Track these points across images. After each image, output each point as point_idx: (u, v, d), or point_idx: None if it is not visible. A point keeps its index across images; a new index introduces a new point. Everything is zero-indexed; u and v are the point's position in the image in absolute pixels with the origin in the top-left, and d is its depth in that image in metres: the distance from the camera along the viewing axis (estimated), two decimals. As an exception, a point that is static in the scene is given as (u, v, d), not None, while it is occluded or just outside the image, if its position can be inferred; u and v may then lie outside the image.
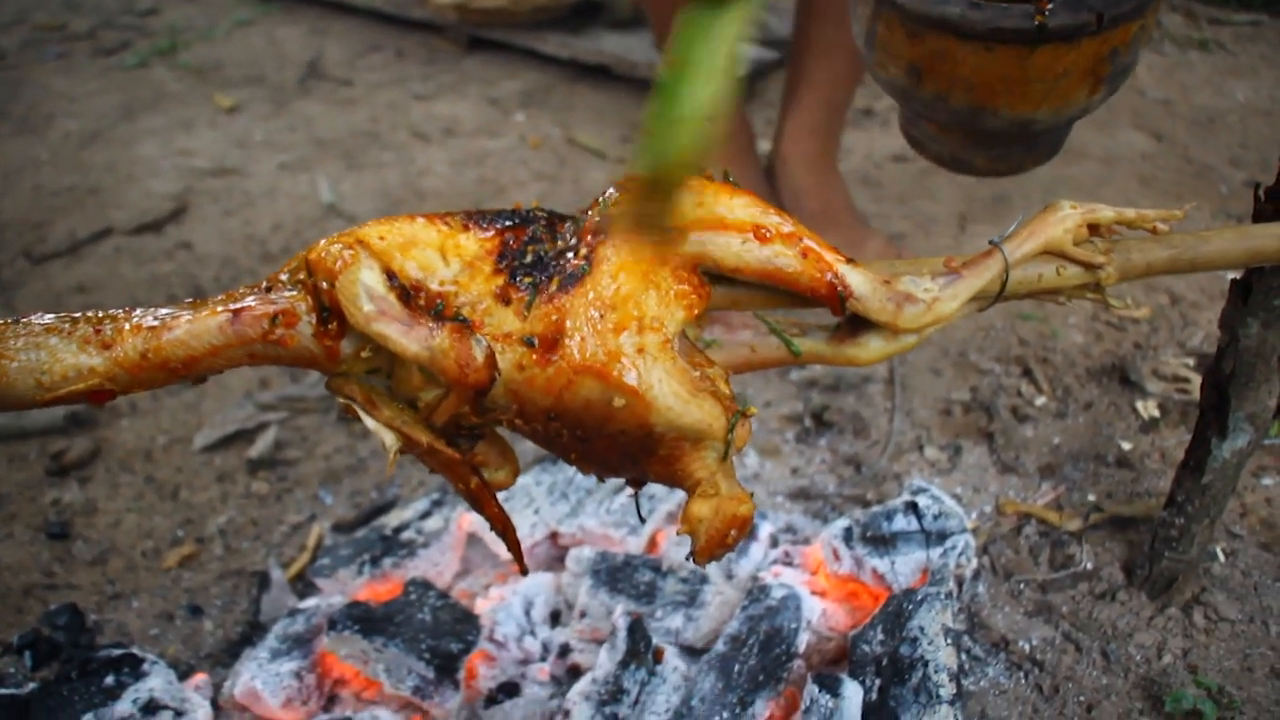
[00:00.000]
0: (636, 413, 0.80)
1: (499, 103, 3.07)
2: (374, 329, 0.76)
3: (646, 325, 0.79)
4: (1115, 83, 1.18)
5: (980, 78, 1.22)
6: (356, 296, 0.76)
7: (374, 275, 0.77)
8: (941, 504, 1.43)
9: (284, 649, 1.30)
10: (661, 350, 0.80)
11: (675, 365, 0.81)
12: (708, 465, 0.86)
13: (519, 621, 1.35)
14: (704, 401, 0.82)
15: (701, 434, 0.83)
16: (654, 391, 0.79)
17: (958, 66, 1.21)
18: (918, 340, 0.94)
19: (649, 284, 0.80)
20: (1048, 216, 0.96)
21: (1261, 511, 1.58)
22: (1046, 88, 1.18)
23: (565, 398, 0.79)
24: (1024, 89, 1.19)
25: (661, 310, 0.80)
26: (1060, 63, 1.15)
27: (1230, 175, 2.54)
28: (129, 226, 2.44)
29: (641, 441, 0.82)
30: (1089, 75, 1.18)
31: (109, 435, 1.80)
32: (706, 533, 0.87)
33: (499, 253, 0.82)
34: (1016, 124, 1.22)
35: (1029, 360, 1.92)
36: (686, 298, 0.82)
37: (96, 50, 3.45)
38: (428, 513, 1.49)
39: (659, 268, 0.81)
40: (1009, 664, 1.35)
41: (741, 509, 0.88)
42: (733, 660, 1.23)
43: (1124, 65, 1.17)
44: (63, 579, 1.53)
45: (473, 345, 0.77)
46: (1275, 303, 1.17)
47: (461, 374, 0.76)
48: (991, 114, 1.25)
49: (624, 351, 0.78)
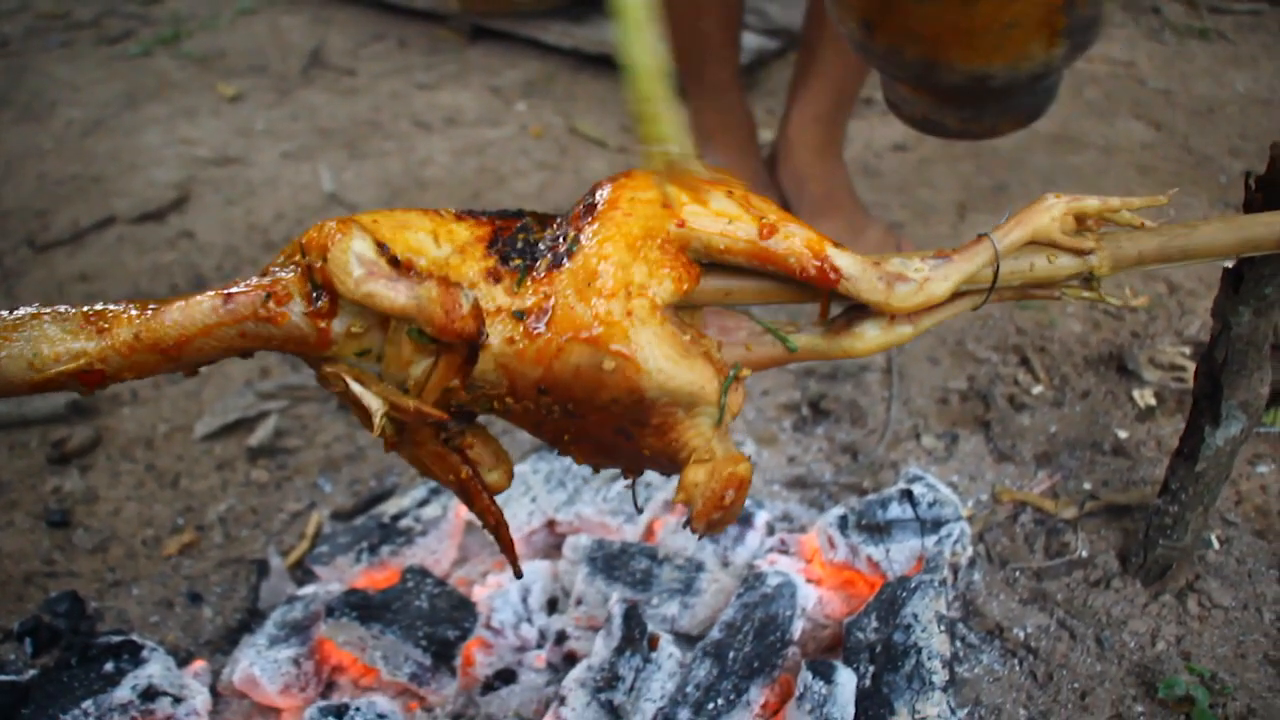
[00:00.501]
0: (627, 376, 0.80)
1: (501, 92, 3.07)
2: (363, 289, 0.76)
3: (635, 292, 0.80)
4: (1077, 38, 1.15)
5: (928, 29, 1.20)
6: (347, 264, 0.77)
7: (364, 244, 0.78)
8: (936, 492, 1.44)
9: (282, 636, 1.31)
10: (650, 314, 0.80)
11: (665, 328, 0.81)
12: (702, 432, 0.86)
13: (516, 609, 1.36)
14: (695, 363, 0.83)
15: (694, 397, 0.83)
16: (643, 353, 0.80)
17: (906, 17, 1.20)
18: (915, 332, 0.95)
19: (636, 256, 0.81)
20: (1035, 206, 0.96)
21: (1256, 499, 1.59)
22: (996, 38, 1.16)
23: (555, 367, 0.80)
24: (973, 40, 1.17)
25: (649, 279, 0.81)
26: (1007, 10, 1.13)
27: (1230, 165, 2.54)
28: (132, 215, 2.45)
29: (634, 411, 0.82)
30: (1043, 26, 1.14)
31: (110, 423, 1.81)
32: (703, 495, 0.86)
33: (490, 240, 0.83)
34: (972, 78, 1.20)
35: (1026, 349, 1.92)
36: (675, 271, 0.82)
37: (100, 38, 3.45)
38: (426, 501, 1.50)
39: (646, 241, 0.82)
40: (1003, 651, 1.36)
41: (739, 468, 0.87)
42: (728, 647, 1.24)
43: (1084, 19, 1.14)
44: (63, 566, 1.54)
45: (459, 294, 0.77)
46: (1266, 291, 1.18)
47: (448, 320, 0.76)
48: (946, 68, 1.23)
49: (612, 316, 0.79)
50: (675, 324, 0.84)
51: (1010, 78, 1.20)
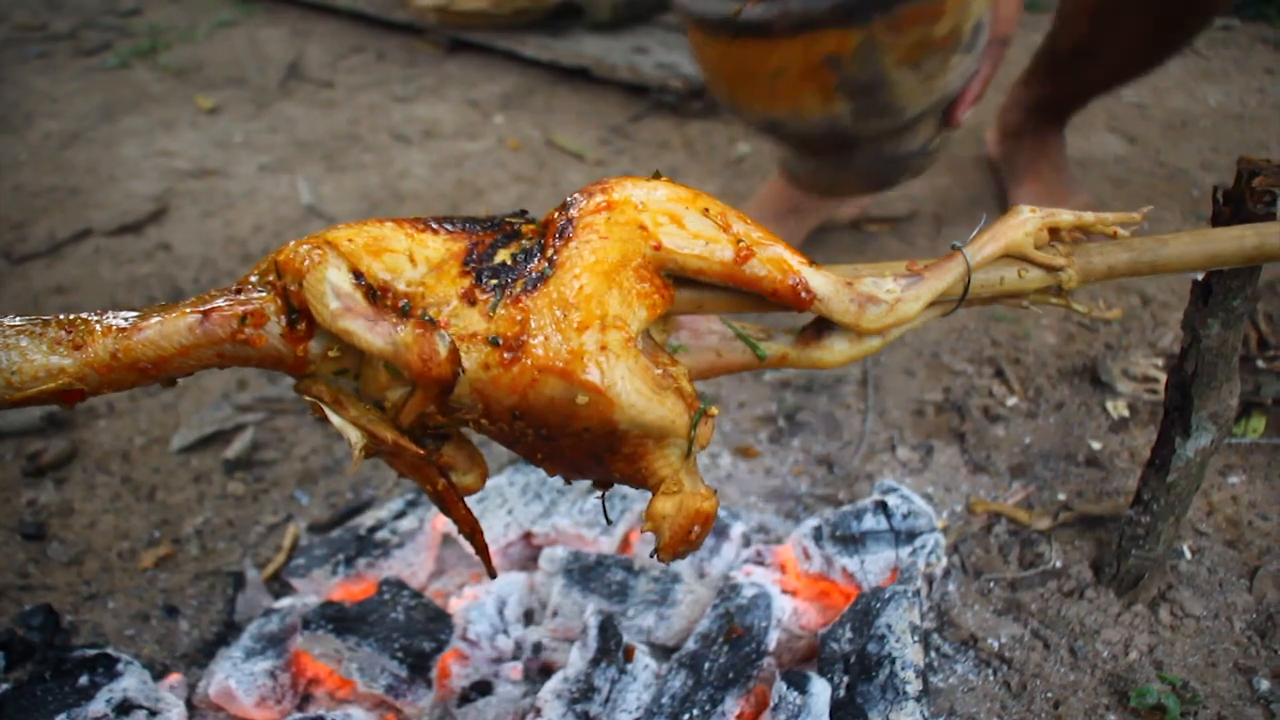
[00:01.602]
0: (600, 410, 0.81)
1: (479, 105, 3.08)
2: (340, 325, 0.77)
3: (609, 324, 0.81)
4: (861, 101, 1.16)
5: (718, 69, 1.25)
6: (323, 295, 0.77)
7: (341, 274, 0.78)
8: (911, 503, 1.45)
9: (258, 649, 1.31)
10: (624, 348, 0.81)
11: (638, 363, 0.82)
12: (671, 463, 0.87)
13: (492, 620, 1.36)
14: (667, 398, 0.84)
15: (665, 431, 0.85)
16: (617, 389, 0.81)
17: (704, 57, 1.23)
18: (882, 343, 0.96)
19: (612, 284, 0.81)
20: (1009, 220, 0.97)
21: (1227, 509, 1.61)
22: (768, 85, 1.19)
23: (529, 396, 0.80)
24: (749, 84, 1.22)
25: (624, 309, 0.82)
26: (768, 59, 1.18)
27: (1201, 178, 2.56)
28: (109, 227, 2.44)
29: (605, 439, 0.83)
30: (810, 80, 1.19)
31: (86, 436, 1.81)
32: (670, 529, 0.88)
33: (465, 256, 0.83)
34: (765, 122, 1.23)
35: (1001, 361, 1.93)
36: (649, 297, 0.83)
37: (78, 50, 3.44)
38: (402, 513, 1.50)
39: (622, 269, 0.82)
40: (978, 661, 1.37)
41: (705, 505, 0.89)
42: (703, 658, 1.25)
43: (855, 79, 1.18)
44: (38, 579, 1.53)
45: (436, 340, 0.78)
46: (1235, 304, 1.19)
47: (425, 368, 0.77)
48: (742, 110, 1.27)
49: (587, 349, 0.80)
50: (648, 352, 0.84)
51: (800, 127, 1.23)
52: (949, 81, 1.26)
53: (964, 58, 1.24)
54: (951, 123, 1.34)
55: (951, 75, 1.25)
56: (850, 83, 1.18)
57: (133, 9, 3.76)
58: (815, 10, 1.14)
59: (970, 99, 1.33)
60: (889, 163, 1.31)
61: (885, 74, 1.19)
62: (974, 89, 1.32)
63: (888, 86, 1.19)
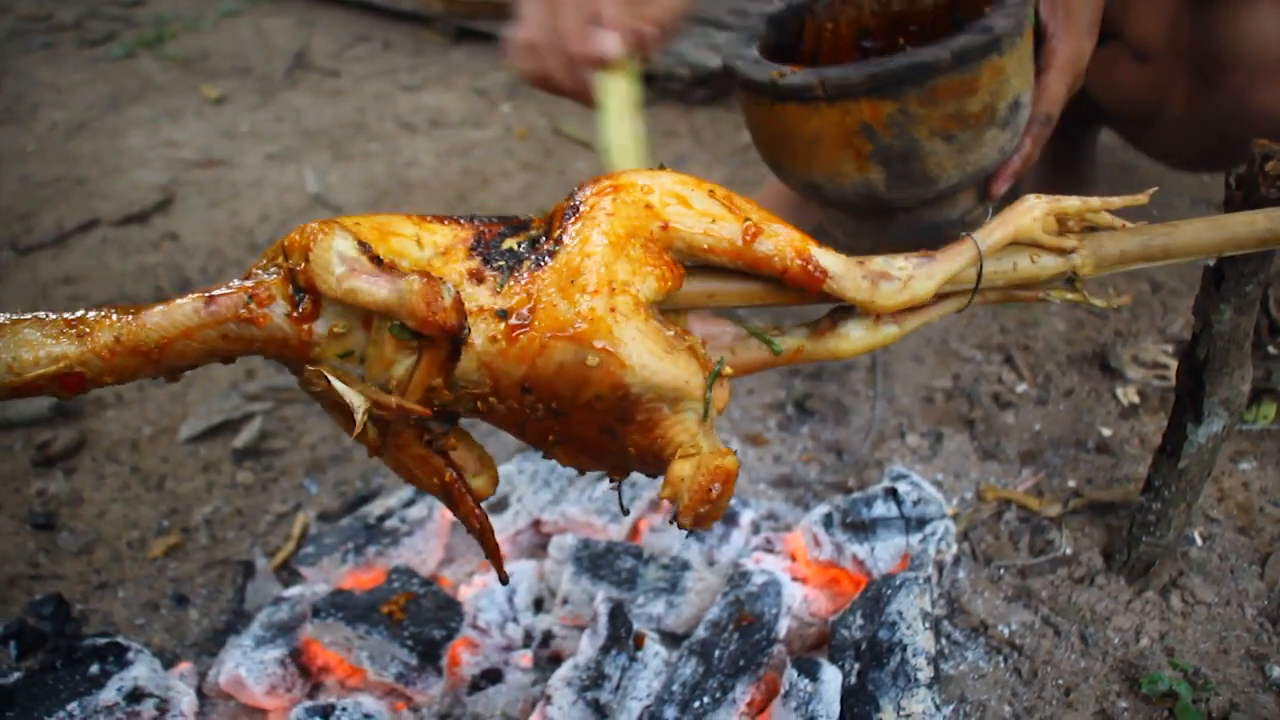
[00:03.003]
0: (611, 373, 0.80)
1: (485, 93, 3.07)
2: (345, 286, 0.76)
3: (618, 289, 0.80)
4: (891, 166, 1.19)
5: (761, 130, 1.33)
6: (329, 263, 0.76)
7: (346, 243, 0.77)
8: (921, 490, 1.44)
9: (268, 637, 1.31)
10: (633, 310, 0.80)
11: (648, 324, 0.81)
12: (688, 427, 0.85)
13: (502, 608, 1.36)
14: (679, 358, 0.83)
15: (679, 393, 0.83)
16: (627, 349, 0.80)
17: (749, 118, 1.33)
18: (900, 332, 0.95)
19: (620, 254, 0.81)
20: (1016, 207, 0.97)
21: (1238, 496, 1.60)
22: (807, 149, 1.24)
23: (539, 365, 0.80)
24: (789, 146, 1.28)
25: (632, 277, 0.81)
26: (807, 124, 1.22)
27: (1212, 164, 2.55)
28: (116, 217, 2.44)
29: (618, 407, 0.82)
30: (846, 146, 1.22)
31: (95, 426, 1.81)
32: (689, 489, 0.85)
33: (472, 242, 0.83)
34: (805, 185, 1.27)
35: (1010, 348, 1.93)
36: (658, 269, 0.82)
37: (83, 40, 3.44)
38: (411, 501, 1.50)
39: (630, 240, 0.82)
40: (988, 648, 1.37)
41: (725, 461, 0.86)
42: (714, 646, 1.25)
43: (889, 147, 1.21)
44: (48, 569, 1.54)
45: (441, 288, 0.77)
46: (1247, 289, 1.18)
47: (430, 313, 0.76)
48: (782, 169, 1.34)
49: (595, 312, 0.79)
50: (659, 320, 0.84)
51: (837, 192, 1.26)
52: (984, 155, 1.27)
53: (999, 133, 1.26)
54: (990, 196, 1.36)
55: (986, 149, 1.26)
56: (884, 150, 1.21)
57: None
58: (851, 80, 1.17)
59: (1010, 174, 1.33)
60: (926, 230, 1.34)
61: (919, 144, 1.21)
62: (1014, 164, 1.31)
63: (921, 157, 1.21)
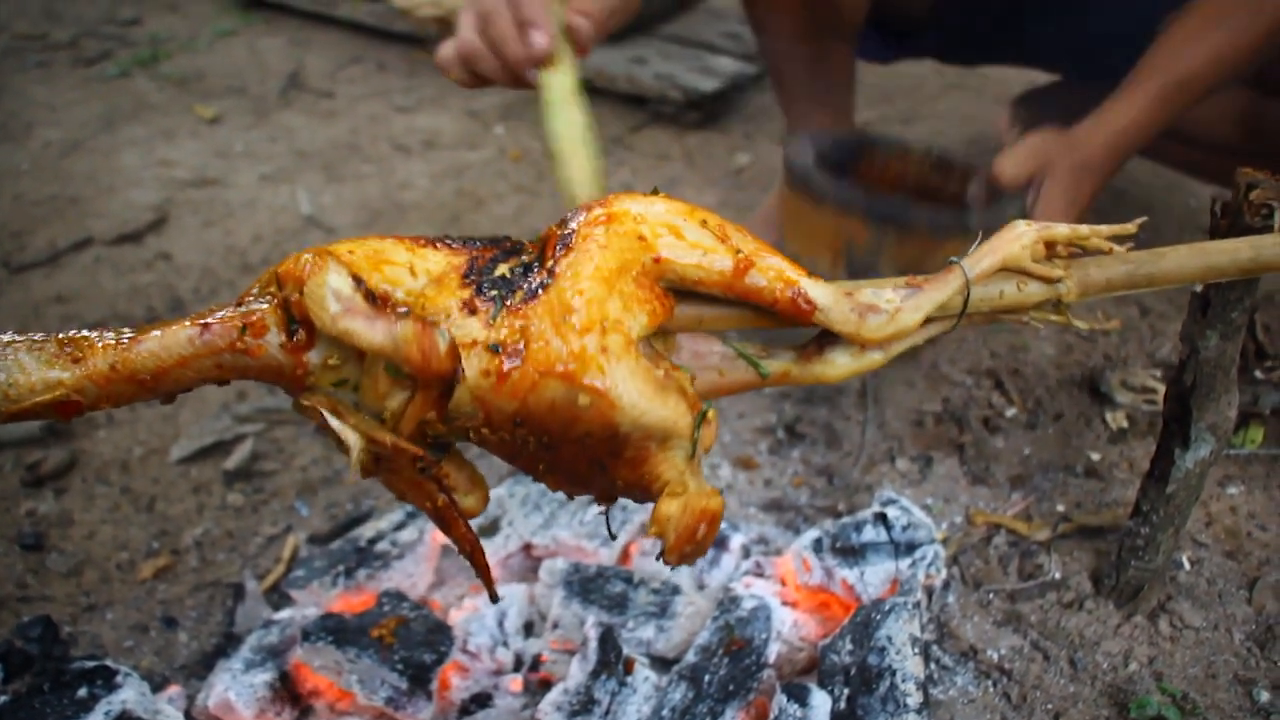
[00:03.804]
0: (601, 412, 0.81)
1: (479, 115, 3.08)
2: (340, 326, 0.76)
3: (610, 327, 0.81)
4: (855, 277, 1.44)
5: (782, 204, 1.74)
6: (324, 299, 0.77)
7: (341, 279, 0.78)
8: (910, 515, 1.45)
9: (258, 660, 1.31)
10: (625, 349, 0.81)
11: (639, 364, 0.82)
12: (675, 465, 0.87)
13: (492, 632, 1.36)
14: (669, 399, 0.83)
15: (668, 432, 0.84)
16: (618, 389, 0.80)
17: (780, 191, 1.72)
18: (885, 358, 0.96)
19: (612, 290, 0.81)
20: (1005, 234, 0.98)
21: (1226, 520, 1.61)
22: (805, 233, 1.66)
23: (530, 401, 0.80)
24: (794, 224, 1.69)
25: (624, 314, 0.82)
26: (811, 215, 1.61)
27: (1199, 189, 2.57)
28: (109, 237, 2.44)
29: (608, 444, 0.83)
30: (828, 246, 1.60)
31: (85, 446, 1.81)
32: (676, 529, 0.87)
33: (466, 269, 0.83)
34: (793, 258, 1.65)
35: (1000, 372, 1.94)
36: (649, 304, 0.83)
37: (78, 59, 3.45)
38: (402, 524, 1.50)
39: (622, 276, 0.83)
40: (978, 673, 1.37)
41: (711, 503, 0.88)
42: (703, 670, 1.25)
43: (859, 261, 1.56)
44: (36, 590, 1.53)
45: (436, 334, 0.77)
46: (1233, 316, 1.19)
47: (425, 361, 0.76)
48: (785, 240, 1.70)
49: (587, 351, 0.80)
50: (649, 358, 0.84)
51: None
52: None
53: None
54: None
55: None
56: (854, 262, 1.53)
57: (133, 18, 3.76)
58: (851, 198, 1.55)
59: None
60: None
61: (879, 271, 1.54)
62: None
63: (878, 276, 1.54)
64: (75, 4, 3.87)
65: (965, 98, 3.24)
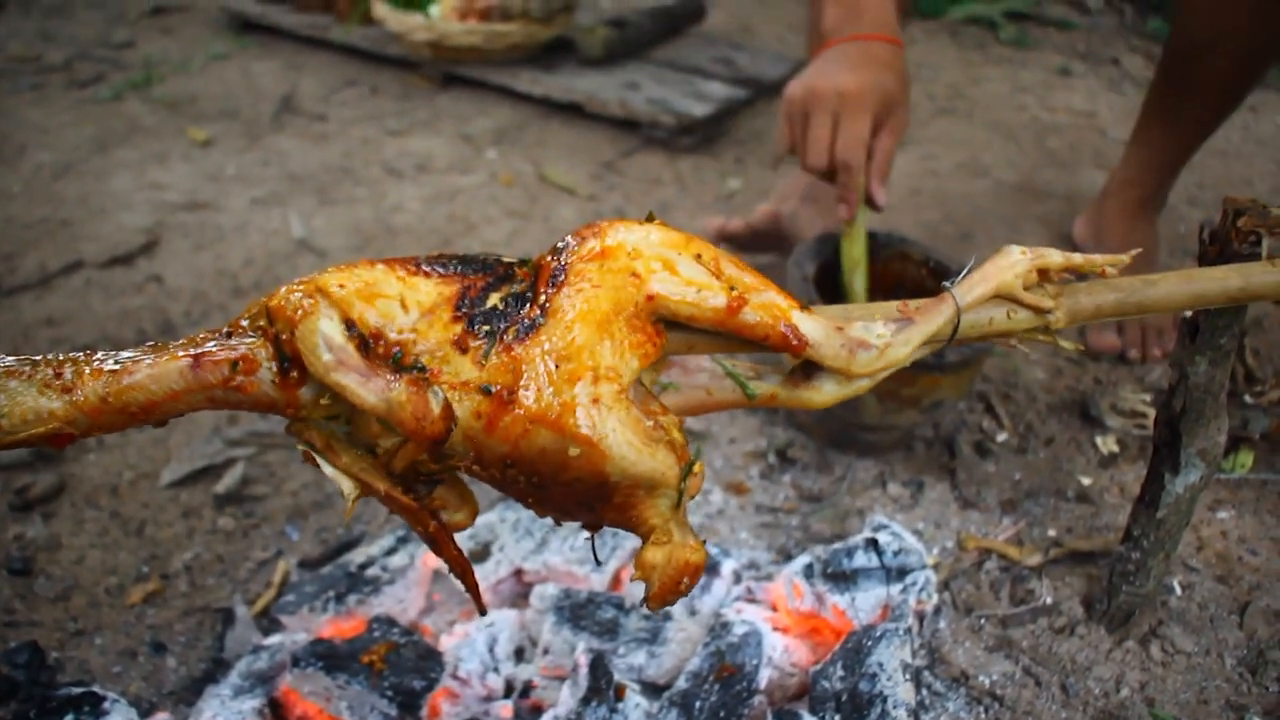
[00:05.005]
0: (592, 461, 0.81)
1: (472, 139, 3.09)
2: (332, 379, 0.77)
3: (602, 375, 0.81)
4: None
5: None
6: (316, 346, 0.77)
7: (333, 325, 0.78)
8: (902, 540, 1.45)
9: (247, 686, 1.30)
10: (616, 400, 0.81)
11: (629, 415, 0.82)
12: (661, 512, 0.87)
13: (483, 658, 1.35)
14: (658, 451, 0.84)
15: (655, 482, 0.85)
16: (608, 441, 0.81)
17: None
18: (871, 384, 0.96)
19: (604, 334, 0.82)
20: (999, 261, 0.98)
21: (1217, 545, 1.61)
22: None
23: (521, 446, 0.81)
24: None
25: (616, 360, 0.82)
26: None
27: (1188, 214, 2.59)
28: (100, 259, 2.44)
29: (597, 489, 0.84)
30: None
31: (74, 470, 1.80)
32: (660, 580, 0.89)
33: (457, 300, 0.83)
34: None
35: (991, 396, 1.94)
36: (642, 346, 0.84)
37: (71, 82, 3.45)
38: (393, 549, 1.50)
39: (615, 318, 0.83)
40: (969, 698, 1.37)
41: (693, 557, 0.89)
42: (694, 697, 1.24)
43: None
44: (24, 616, 1.52)
45: (429, 398, 0.77)
46: (1222, 341, 1.20)
47: (418, 427, 0.77)
48: None
49: (579, 402, 0.80)
50: (640, 400, 0.85)
51: None
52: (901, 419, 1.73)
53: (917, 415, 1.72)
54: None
55: (903, 419, 1.73)
56: None
57: (126, 41, 3.77)
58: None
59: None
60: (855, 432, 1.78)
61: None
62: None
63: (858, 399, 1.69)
64: (69, 26, 3.88)
65: (955, 123, 3.26)
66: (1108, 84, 3.56)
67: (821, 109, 1.58)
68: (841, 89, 1.55)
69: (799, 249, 1.78)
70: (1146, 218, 2.22)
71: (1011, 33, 3.97)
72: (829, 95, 1.57)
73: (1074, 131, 3.19)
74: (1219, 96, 2.01)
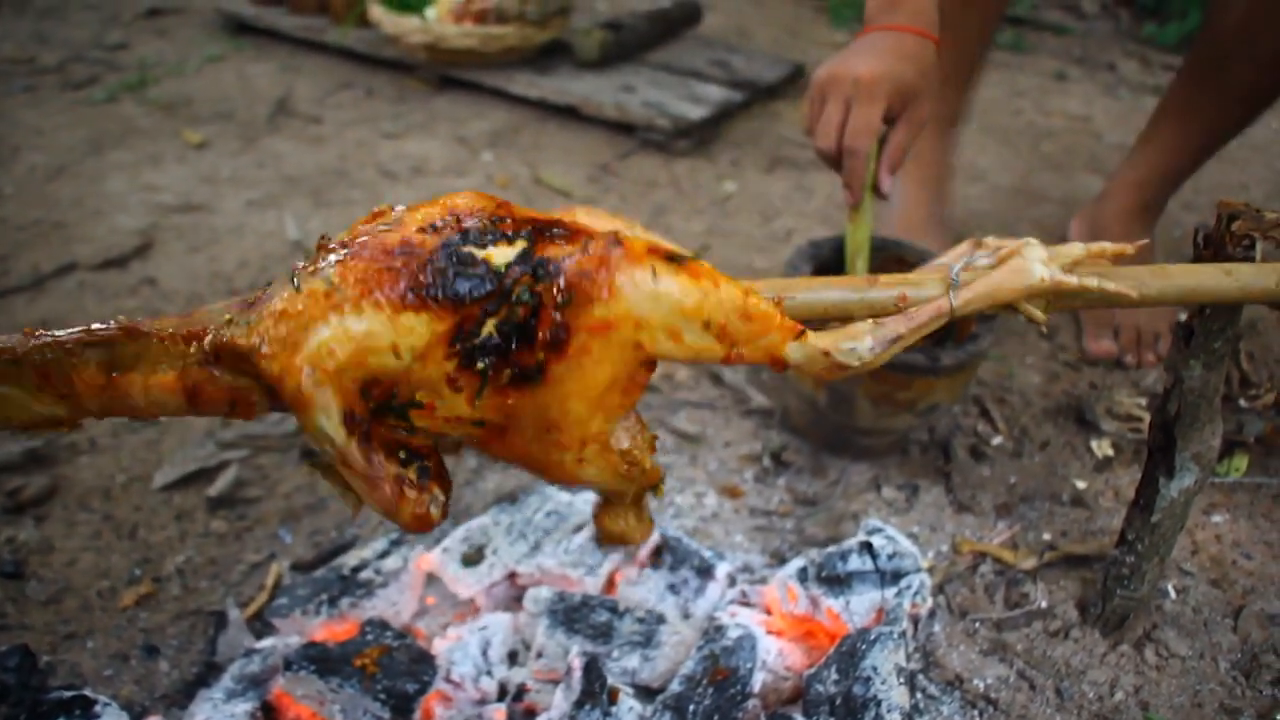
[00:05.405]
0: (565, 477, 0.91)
1: (467, 142, 3.09)
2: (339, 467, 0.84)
3: (589, 439, 0.87)
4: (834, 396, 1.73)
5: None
6: (317, 437, 0.82)
7: (333, 424, 0.81)
8: (896, 544, 1.44)
9: (239, 689, 1.30)
10: (599, 455, 0.89)
11: (608, 462, 0.89)
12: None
13: (476, 661, 1.35)
14: (624, 483, 0.93)
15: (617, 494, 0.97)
16: (583, 478, 0.90)
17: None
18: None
19: (598, 409, 0.86)
20: (1017, 270, 0.96)
21: (1211, 549, 1.61)
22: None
23: (505, 458, 0.90)
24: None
25: (605, 425, 0.88)
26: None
27: (1183, 218, 2.59)
28: (94, 262, 2.43)
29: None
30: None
31: (67, 473, 1.79)
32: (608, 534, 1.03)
33: (451, 336, 0.82)
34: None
35: (986, 400, 1.94)
36: (630, 396, 0.88)
37: (65, 84, 3.44)
38: (386, 552, 1.49)
39: (611, 390, 0.86)
40: (964, 702, 1.36)
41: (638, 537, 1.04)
42: (688, 700, 1.24)
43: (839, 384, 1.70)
44: (15, 619, 1.52)
45: (429, 506, 0.85)
46: (1216, 345, 1.20)
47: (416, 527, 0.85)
48: None
49: (565, 463, 0.88)
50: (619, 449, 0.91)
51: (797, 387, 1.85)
52: (896, 423, 1.74)
53: (912, 419, 1.73)
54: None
55: (898, 423, 1.74)
56: (834, 385, 1.69)
57: (121, 43, 3.76)
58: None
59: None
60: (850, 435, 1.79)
61: (856, 396, 1.68)
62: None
63: (853, 403, 1.70)
64: (63, 28, 3.87)
65: (951, 127, 3.25)
66: (1103, 89, 3.57)
67: (837, 94, 1.58)
68: (858, 76, 1.54)
69: (795, 251, 1.77)
70: (1144, 223, 2.22)
71: (1008, 37, 3.97)
72: (846, 81, 1.56)
73: (1069, 136, 3.20)
74: (1241, 106, 2.00)
